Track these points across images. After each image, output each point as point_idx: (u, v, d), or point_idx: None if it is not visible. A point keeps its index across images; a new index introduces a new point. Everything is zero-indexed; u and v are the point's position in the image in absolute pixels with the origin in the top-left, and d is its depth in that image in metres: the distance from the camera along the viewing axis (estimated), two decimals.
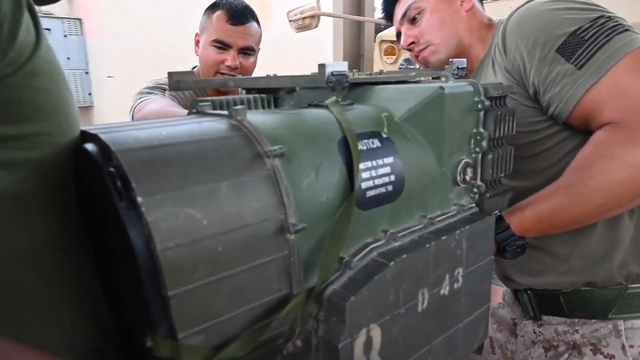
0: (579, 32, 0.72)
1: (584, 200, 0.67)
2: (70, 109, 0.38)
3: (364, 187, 0.43)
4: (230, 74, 1.24)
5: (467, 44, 0.92)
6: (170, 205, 0.32)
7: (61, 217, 0.36)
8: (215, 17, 1.24)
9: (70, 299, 0.37)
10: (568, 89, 0.72)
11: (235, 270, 0.35)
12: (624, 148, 0.65)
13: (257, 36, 1.29)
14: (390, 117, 0.50)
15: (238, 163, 0.36)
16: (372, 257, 0.43)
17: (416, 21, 0.93)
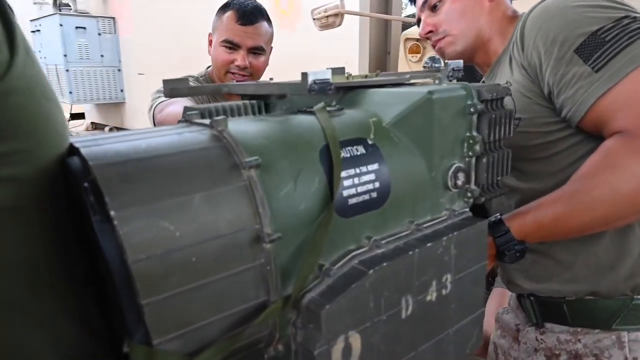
0: (600, 33, 0.69)
1: (587, 210, 0.65)
2: (52, 122, 0.38)
3: (345, 195, 0.43)
4: (240, 73, 1.27)
5: (487, 36, 0.89)
6: (142, 218, 0.33)
7: (48, 228, 0.38)
8: (225, 17, 1.26)
9: (60, 306, 0.39)
10: (582, 93, 0.69)
11: (210, 279, 0.36)
12: (633, 159, 0.63)
13: (267, 36, 1.30)
14: (378, 122, 0.50)
15: (214, 175, 0.37)
16: (353, 264, 0.43)
17: (437, 9, 0.91)
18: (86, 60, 6.15)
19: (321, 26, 2.79)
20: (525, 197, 0.79)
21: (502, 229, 0.67)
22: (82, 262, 0.42)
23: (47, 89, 0.39)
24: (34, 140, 0.36)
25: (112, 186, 0.33)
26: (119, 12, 6.42)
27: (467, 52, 0.91)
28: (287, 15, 6.69)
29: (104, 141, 0.38)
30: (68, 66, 6.01)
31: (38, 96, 0.37)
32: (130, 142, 0.38)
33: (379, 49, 3.77)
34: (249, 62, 1.28)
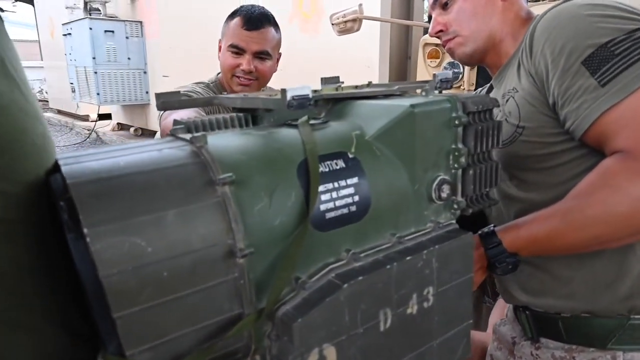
0: (610, 45, 0.66)
1: (580, 229, 0.64)
2: (29, 137, 0.39)
3: (322, 209, 0.44)
4: (245, 77, 1.30)
5: (498, 37, 0.87)
6: (115, 234, 0.34)
7: (33, 240, 0.40)
8: (232, 23, 1.30)
9: (44, 313, 0.41)
10: (586, 107, 0.67)
11: (183, 292, 0.37)
12: (631, 181, 0.61)
13: (274, 41, 1.33)
14: (361, 135, 0.50)
15: (188, 191, 0.38)
16: (329, 277, 0.44)
17: (448, 7, 0.89)
18: (114, 62, 6.32)
19: (340, 31, 2.81)
20: (524, 207, 0.78)
21: (494, 241, 0.67)
22: (67, 271, 0.44)
23: (28, 104, 0.39)
24: (8, 156, 0.37)
25: (87, 204, 0.35)
26: (146, 16, 6.58)
27: (477, 53, 0.89)
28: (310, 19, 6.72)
29: (86, 158, 0.40)
30: (96, 68, 6.19)
31: (14, 111, 0.38)
32: (111, 159, 0.39)
33: (400, 54, 3.76)
34: (254, 67, 1.31)
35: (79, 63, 6.66)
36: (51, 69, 9.99)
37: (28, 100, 0.40)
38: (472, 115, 0.53)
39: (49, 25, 9.42)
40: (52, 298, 0.42)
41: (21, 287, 0.39)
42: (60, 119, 9.86)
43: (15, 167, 0.38)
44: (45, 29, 9.87)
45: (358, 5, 2.68)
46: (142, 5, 6.61)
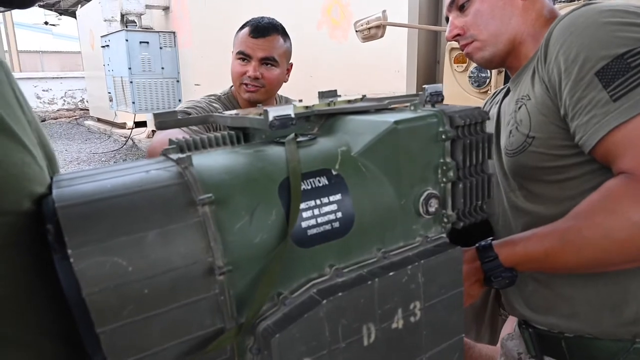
0: (626, 57, 0.62)
1: (577, 251, 0.62)
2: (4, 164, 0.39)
3: (304, 226, 0.45)
4: (252, 84, 1.34)
5: (518, 40, 0.83)
6: (97, 255, 0.37)
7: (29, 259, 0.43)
8: (241, 33, 1.36)
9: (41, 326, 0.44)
10: (595, 122, 0.64)
11: (164, 308, 0.39)
12: (632, 205, 0.58)
13: (281, 49, 1.36)
14: (346, 151, 0.51)
15: (169, 212, 0.40)
16: (311, 293, 0.45)
17: (465, 9, 0.85)
18: (148, 72, 6.54)
19: (363, 38, 2.82)
20: (531, 220, 0.76)
21: (491, 255, 0.66)
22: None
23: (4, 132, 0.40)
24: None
25: (72, 226, 0.37)
26: (179, 27, 6.77)
27: (496, 58, 0.86)
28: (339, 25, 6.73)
29: (79, 180, 0.43)
30: (132, 78, 6.41)
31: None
32: (99, 181, 0.42)
33: (429, 59, 3.73)
34: (260, 73, 1.33)
35: (116, 73, 6.92)
36: (91, 79, 10.42)
37: (4, 128, 0.41)
38: (460, 129, 0.53)
39: (89, 37, 9.83)
40: (48, 314, 0.45)
41: (15, 305, 0.42)
42: (99, 126, 10.25)
43: None
44: (86, 41, 10.29)
45: (382, 12, 2.68)
46: (175, 15, 6.81)
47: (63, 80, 13.24)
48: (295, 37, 1.47)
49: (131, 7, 6.64)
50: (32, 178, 0.43)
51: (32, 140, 0.45)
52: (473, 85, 2.78)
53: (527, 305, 0.82)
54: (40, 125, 0.53)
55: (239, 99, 1.43)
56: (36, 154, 0.44)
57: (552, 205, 0.75)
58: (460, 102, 3.09)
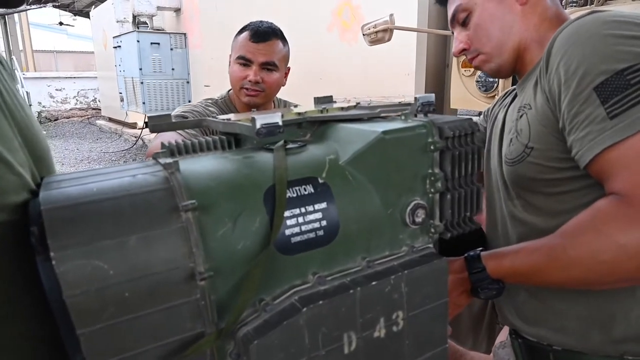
0: (626, 73, 0.61)
1: (563, 269, 0.62)
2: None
3: (288, 234, 0.46)
4: (252, 88, 1.35)
5: (522, 46, 0.81)
6: (79, 258, 0.38)
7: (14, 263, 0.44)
8: (241, 37, 1.36)
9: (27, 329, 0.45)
10: (590, 139, 0.63)
11: (144, 312, 0.40)
12: (619, 228, 0.58)
13: (281, 54, 1.37)
14: (334, 160, 0.51)
15: (152, 217, 0.41)
16: (292, 300, 0.45)
17: (466, 23, 0.84)
18: (159, 73, 6.59)
19: (371, 41, 2.82)
20: (527, 231, 0.76)
21: (479, 266, 0.65)
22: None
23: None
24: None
25: (56, 229, 0.38)
26: (190, 28, 6.83)
27: (504, 67, 0.85)
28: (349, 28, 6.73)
29: (67, 183, 0.43)
30: (143, 79, 6.47)
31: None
32: (86, 185, 0.43)
33: (438, 62, 3.73)
34: (260, 78, 1.34)
35: (127, 74, 6.99)
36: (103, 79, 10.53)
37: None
38: (449, 140, 0.53)
39: (102, 37, 9.94)
40: (30, 319, 0.45)
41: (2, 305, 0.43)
42: (111, 126, 10.35)
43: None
44: (99, 41, 10.41)
45: (389, 16, 2.68)
46: (186, 17, 6.87)
47: (76, 80, 13.39)
48: (305, 39, 1.49)
49: (143, 9, 6.71)
50: (5, 190, 0.43)
51: (10, 145, 0.45)
52: (480, 89, 2.77)
53: (517, 315, 0.82)
54: (32, 122, 0.53)
55: (237, 103, 1.44)
56: (13, 161, 0.44)
57: (547, 218, 0.74)
58: (468, 106, 3.08)
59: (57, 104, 13.08)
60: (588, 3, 2.45)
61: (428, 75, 3.72)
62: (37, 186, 0.46)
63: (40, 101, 12.58)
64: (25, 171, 0.45)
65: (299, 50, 2.26)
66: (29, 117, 0.53)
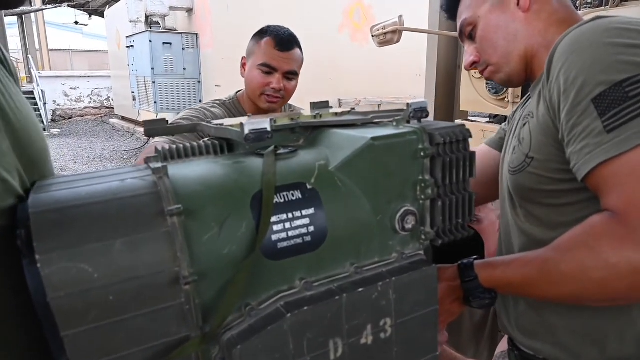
0: (625, 84, 0.59)
1: (554, 284, 0.61)
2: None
3: (274, 239, 0.46)
4: (274, 95, 1.36)
5: (530, 53, 0.79)
6: (64, 261, 0.38)
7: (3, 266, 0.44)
8: (263, 43, 1.36)
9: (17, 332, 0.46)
10: (587, 152, 0.61)
11: (129, 315, 0.40)
12: (611, 246, 0.57)
13: (300, 61, 1.41)
14: (324, 166, 0.51)
15: (138, 221, 0.41)
16: (278, 305, 0.45)
17: (473, 37, 0.84)
18: (170, 72, 6.66)
19: (380, 43, 2.82)
20: (527, 242, 0.75)
21: (471, 274, 0.65)
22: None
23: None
24: None
25: (42, 232, 0.39)
26: (202, 28, 6.88)
27: (515, 76, 0.83)
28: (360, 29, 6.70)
29: (57, 187, 0.44)
30: (154, 78, 6.54)
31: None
32: (76, 189, 0.43)
33: (449, 63, 3.70)
34: (282, 85, 1.37)
35: (139, 73, 7.07)
36: (117, 78, 10.65)
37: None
38: (440, 146, 0.53)
39: (116, 37, 10.06)
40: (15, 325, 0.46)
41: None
42: (123, 125, 10.46)
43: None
44: (113, 41, 10.54)
45: (398, 17, 2.68)
46: (198, 17, 6.92)
47: (90, 79, 13.57)
48: (316, 40, 1.51)
49: (155, 9, 6.78)
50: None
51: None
52: (490, 92, 2.75)
53: (516, 326, 0.81)
54: (30, 124, 0.53)
55: (246, 105, 1.45)
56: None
57: (547, 230, 0.73)
58: (478, 108, 3.06)
59: (72, 102, 13.26)
60: (603, 4, 2.42)
61: (439, 77, 3.69)
62: (27, 190, 0.46)
63: (55, 99, 12.77)
64: (11, 176, 0.46)
65: (309, 51, 2.27)
66: (27, 119, 0.53)
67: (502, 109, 2.69)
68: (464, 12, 0.85)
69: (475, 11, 0.82)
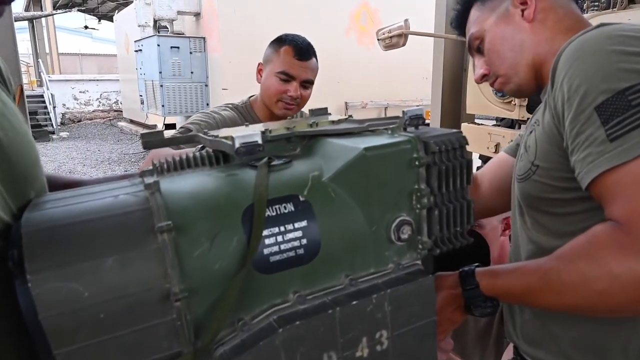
0: (628, 93, 0.58)
1: (556, 294, 0.59)
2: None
3: (266, 253, 0.46)
4: (291, 103, 1.41)
5: (538, 62, 0.79)
6: (55, 280, 0.38)
7: None
8: (282, 51, 1.40)
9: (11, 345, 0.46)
10: (590, 160, 0.60)
11: (120, 332, 0.40)
12: (614, 256, 0.55)
13: (316, 70, 1.45)
14: (318, 177, 0.51)
15: (129, 239, 0.41)
16: (271, 320, 0.45)
17: (481, 50, 0.85)
18: (178, 76, 6.70)
19: (385, 46, 2.81)
20: (534, 249, 0.74)
21: (472, 282, 0.64)
22: None
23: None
24: None
25: (34, 252, 0.39)
26: (209, 32, 6.91)
27: (524, 86, 0.82)
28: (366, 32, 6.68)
29: (52, 204, 0.44)
30: (162, 82, 6.58)
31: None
32: (69, 206, 0.44)
33: (455, 66, 3.67)
34: (299, 93, 1.41)
35: (147, 77, 7.12)
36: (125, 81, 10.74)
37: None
38: (435, 155, 0.52)
39: (125, 41, 10.14)
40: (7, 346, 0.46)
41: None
42: (131, 127, 10.54)
43: None
44: (122, 45, 10.62)
45: (404, 21, 2.67)
46: (205, 21, 6.96)
47: (99, 83, 13.70)
48: (323, 43, 1.52)
49: (163, 13, 6.82)
50: None
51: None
52: (497, 95, 2.72)
53: (521, 334, 0.80)
54: (20, 137, 0.52)
55: (258, 110, 1.49)
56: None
57: (553, 238, 0.72)
58: (484, 111, 3.03)
59: (81, 105, 13.40)
60: (610, 6, 2.38)
61: (445, 80, 3.67)
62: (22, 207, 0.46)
63: (64, 103, 12.91)
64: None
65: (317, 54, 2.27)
66: (16, 131, 0.52)
67: (508, 112, 2.66)
68: (471, 27, 0.86)
69: (481, 25, 0.83)
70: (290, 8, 6.31)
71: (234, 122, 1.42)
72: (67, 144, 9.52)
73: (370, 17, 4.83)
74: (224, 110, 1.47)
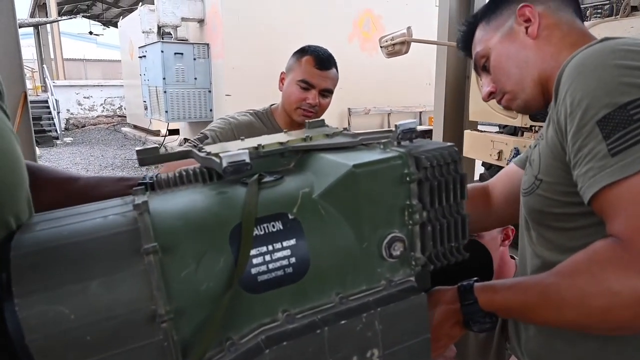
0: (630, 107, 0.57)
1: (555, 310, 0.59)
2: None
3: (254, 272, 0.45)
4: (310, 110, 1.46)
5: (544, 77, 0.79)
6: (42, 303, 0.38)
7: None
8: (304, 60, 1.46)
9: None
10: (591, 175, 0.60)
11: (107, 354, 0.40)
12: (614, 273, 0.55)
13: (335, 80, 1.51)
14: (308, 194, 0.51)
15: (115, 260, 0.41)
16: (259, 340, 0.45)
17: (487, 68, 0.86)
18: (182, 82, 6.73)
19: (388, 54, 2.81)
20: (539, 264, 0.74)
21: (470, 297, 0.63)
22: None
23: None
24: None
25: (21, 275, 0.39)
26: (213, 38, 6.95)
27: (531, 102, 0.82)
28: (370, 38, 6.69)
29: (42, 225, 0.45)
30: (166, 88, 6.61)
31: None
32: (59, 227, 0.44)
33: (458, 74, 3.67)
34: (318, 101, 1.45)
35: (151, 83, 7.15)
36: (129, 87, 10.79)
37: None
38: (427, 170, 0.52)
39: (129, 47, 10.19)
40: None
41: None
42: (135, 133, 10.58)
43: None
44: (126, 51, 10.68)
45: (406, 28, 2.67)
46: (209, 28, 6.99)
47: (103, 88, 13.78)
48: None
49: (168, 20, 6.85)
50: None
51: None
52: None
53: (525, 349, 0.79)
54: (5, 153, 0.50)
55: (279, 118, 1.54)
56: None
57: (556, 253, 0.71)
58: (487, 119, 3.02)
59: (85, 111, 13.48)
60: (613, 13, 2.38)
61: (448, 87, 3.67)
62: None
63: (68, 108, 12.99)
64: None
65: None
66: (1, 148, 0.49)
67: (511, 120, 2.65)
68: (477, 46, 0.87)
69: (486, 44, 0.84)
70: (293, 15, 6.33)
71: (250, 126, 1.49)
72: (71, 149, 9.57)
73: (374, 23, 4.84)
74: (243, 115, 1.54)
